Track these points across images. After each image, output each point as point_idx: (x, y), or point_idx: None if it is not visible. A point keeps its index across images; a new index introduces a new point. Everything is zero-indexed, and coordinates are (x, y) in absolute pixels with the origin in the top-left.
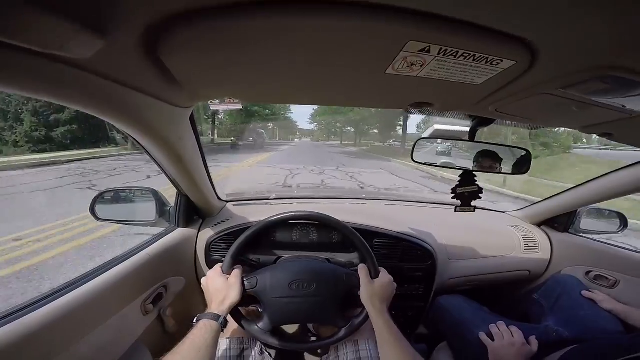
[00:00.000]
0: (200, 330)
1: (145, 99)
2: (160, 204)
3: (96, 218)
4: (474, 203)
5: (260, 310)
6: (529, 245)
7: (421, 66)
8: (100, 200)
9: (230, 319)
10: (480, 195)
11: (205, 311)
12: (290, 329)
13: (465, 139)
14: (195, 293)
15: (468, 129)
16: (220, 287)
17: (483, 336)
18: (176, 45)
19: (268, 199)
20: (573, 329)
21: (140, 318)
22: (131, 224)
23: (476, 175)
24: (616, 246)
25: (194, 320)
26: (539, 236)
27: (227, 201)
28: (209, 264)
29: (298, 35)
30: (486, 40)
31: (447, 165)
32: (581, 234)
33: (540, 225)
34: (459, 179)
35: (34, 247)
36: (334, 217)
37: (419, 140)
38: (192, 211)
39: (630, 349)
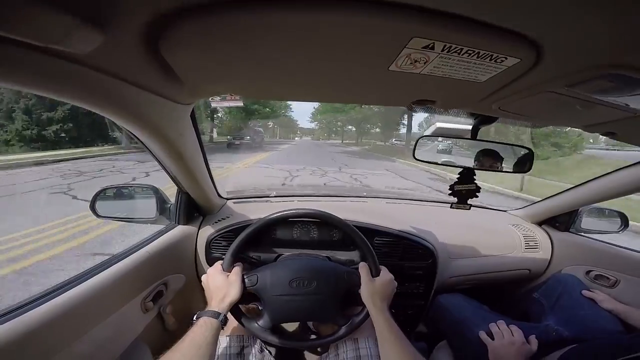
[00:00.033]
0: (200, 328)
1: (145, 95)
2: (161, 201)
3: (96, 215)
4: (470, 201)
5: (260, 308)
6: (530, 244)
7: (424, 63)
8: (100, 197)
9: (230, 316)
10: (477, 194)
11: (205, 309)
12: (290, 326)
13: (467, 137)
14: (196, 291)
15: (470, 127)
16: (220, 285)
17: (483, 335)
18: (177, 40)
19: (268, 197)
20: (573, 328)
21: (140, 316)
22: (131, 221)
23: (475, 174)
24: (617, 246)
25: (194, 318)
26: (540, 235)
27: (228, 198)
28: (209, 261)
29: (301, 31)
30: (491, 37)
31: (449, 164)
32: (582, 233)
33: (541, 224)
34: (458, 176)
35: None
36: (335, 215)
37: (420, 138)
38: (193, 208)
39: (630, 349)
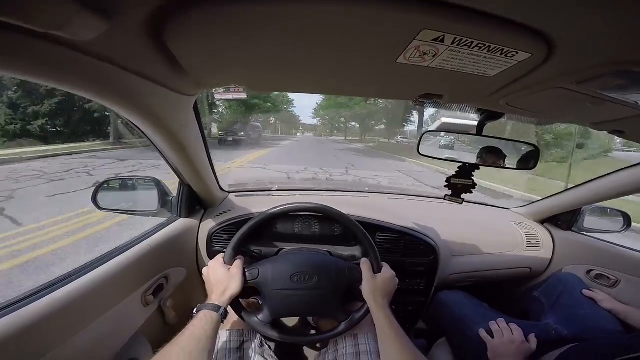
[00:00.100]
0: (200, 321)
1: (149, 85)
2: (163, 194)
3: (98, 208)
4: (463, 196)
5: (260, 302)
6: (532, 242)
7: (433, 56)
8: (102, 189)
9: (230, 310)
10: (472, 190)
11: (205, 302)
12: (290, 321)
13: (472, 132)
14: (196, 284)
15: (475, 123)
16: (221, 278)
17: (483, 333)
18: (182, 29)
19: (270, 191)
20: (573, 327)
21: (140, 309)
22: (133, 214)
23: (474, 171)
24: (619, 245)
25: (194, 311)
26: (542, 233)
27: (230, 192)
28: (211, 254)
29: (308, 21)
30: (503, 31)
31: (451, 159)
32: (584, 232)
33: (543, 222)
34: (457, 170)
35: None
36: (338, 209)
37: (424, 133)
38: (194, 201)
39: (629, 349)
